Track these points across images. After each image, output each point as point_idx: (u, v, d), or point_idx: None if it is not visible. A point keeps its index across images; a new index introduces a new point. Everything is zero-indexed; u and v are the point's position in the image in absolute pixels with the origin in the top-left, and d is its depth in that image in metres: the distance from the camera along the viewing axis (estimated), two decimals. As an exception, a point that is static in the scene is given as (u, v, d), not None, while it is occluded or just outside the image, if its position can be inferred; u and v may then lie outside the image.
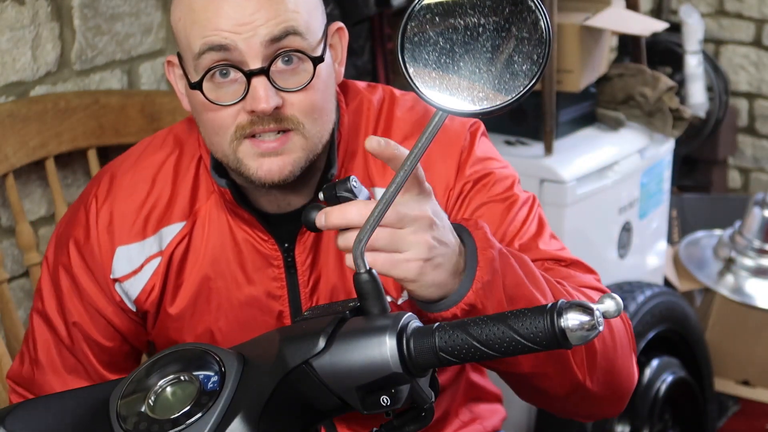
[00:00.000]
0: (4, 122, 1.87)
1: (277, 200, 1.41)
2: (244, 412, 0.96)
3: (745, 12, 4.08)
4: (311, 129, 1.32)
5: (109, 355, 1.51)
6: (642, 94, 2.80)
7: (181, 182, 1.45)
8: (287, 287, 1.43)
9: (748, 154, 4.19)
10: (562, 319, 0.93)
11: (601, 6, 2.70)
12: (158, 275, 1.45)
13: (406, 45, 0.97)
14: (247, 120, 1.30)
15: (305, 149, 1.32)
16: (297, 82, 1.31)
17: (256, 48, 1.28)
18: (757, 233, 3.28)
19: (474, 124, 1.46)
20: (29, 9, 1.96)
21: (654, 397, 2.63)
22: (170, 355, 1.02)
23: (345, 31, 1.42)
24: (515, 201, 1.43)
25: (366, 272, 1.03)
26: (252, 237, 1.42)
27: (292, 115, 1.31)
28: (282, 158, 1.31)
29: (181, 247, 1.44)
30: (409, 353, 0.97)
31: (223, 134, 1.32)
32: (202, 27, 1.29)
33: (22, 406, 1.06)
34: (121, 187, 1.47)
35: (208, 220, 1.44)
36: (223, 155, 1.35)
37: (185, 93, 1.39)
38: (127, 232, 1.45)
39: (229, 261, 1.43)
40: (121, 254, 1.45)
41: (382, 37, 2.63)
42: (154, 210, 1.45)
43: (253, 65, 1.28)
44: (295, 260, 1.42)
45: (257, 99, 1.28)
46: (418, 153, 1.01)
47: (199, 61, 1.30)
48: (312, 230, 1.13)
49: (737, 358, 3.23)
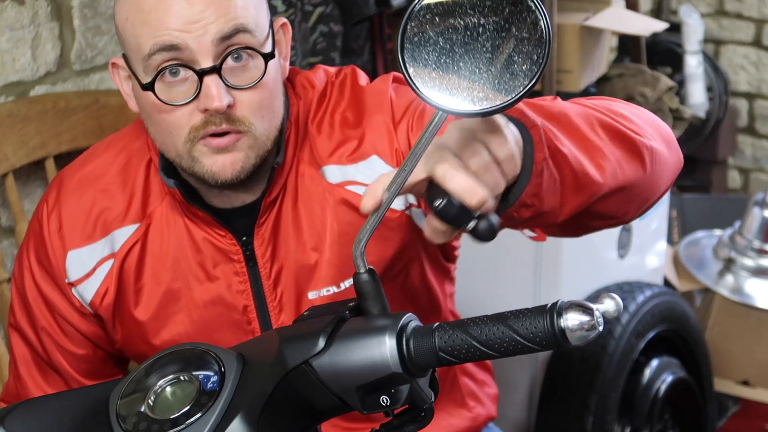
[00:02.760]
0: (3, 122, 1.87)
1: (229, 198, 1.41)
2: (243, 412, 0.96)
3: (745, 12, 4.09)
4: (260, 128, 1.33)
5: (84, 363, 1.51)
6: (642, 94, 2.80)
7: (131, 185, 1.45)
8: (249, 281, 1.43)
9: (748, 154, 4.19)
10: (562, 319, 0.93)
11: (601, 6, 2.70)
12: (111, 277, 1.44)
13: (405, 45, 0.97)
14: (201, 121, 1.31)
15: (254, 148, 1.33)
16: (248, 79, 1.31)
17: (206, 46, 1.28)
18: (757, 233, 3.28)
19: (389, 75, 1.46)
20: (29, 9, 1.96)
21: (654, 397, 2.63)
22: (170, 355, 1.02)
23: (289, 27, 1.42)
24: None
25: (366, 272, 1.03)
26: (209, 234, 1.42)
27: (243, 116, 1.31)
28: (233, 155, 1.32)
29: (135, 250, 1.44)
30: (408, 353, 0.97)
31: (177, 134, 1.32)
32: (153, 27, 1.29)
33: (22, 406, 1.06)
34: (69, 191, 1.47)
35: (164, 223, 1.44)
36: (176, 155, 1.35)
37: (132, 94, 1.38)
38: (77, 235, 1.45)
39: (190, 261, 1.43)
40: (73, 258, 1.45)
41: (382, 37, 2.63)
42: (103, 213, 1.45)
43: (204, 64, 1.29)
44: (255, 253, 1.42)
45: (210, 97, 1.28)
46: (418, 153, 1.00)
47: (150, 61, 1.30)
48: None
49: (737, 358, 3.23)
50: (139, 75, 1.32)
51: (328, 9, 2.55)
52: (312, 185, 1.42)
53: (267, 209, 1.41)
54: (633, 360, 2.57)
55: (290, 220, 1.42)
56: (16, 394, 1.53)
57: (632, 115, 1.27)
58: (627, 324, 2.55)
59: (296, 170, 1.43)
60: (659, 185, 1.31)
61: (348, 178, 1.42)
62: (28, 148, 1.92)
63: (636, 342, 2.57)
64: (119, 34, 1.35)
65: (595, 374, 2.48)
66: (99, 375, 1.52)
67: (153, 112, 1.33)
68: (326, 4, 2.53)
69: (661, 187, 1.32)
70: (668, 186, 1.35)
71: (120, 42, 1.36)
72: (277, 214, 1.42)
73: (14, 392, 1.54)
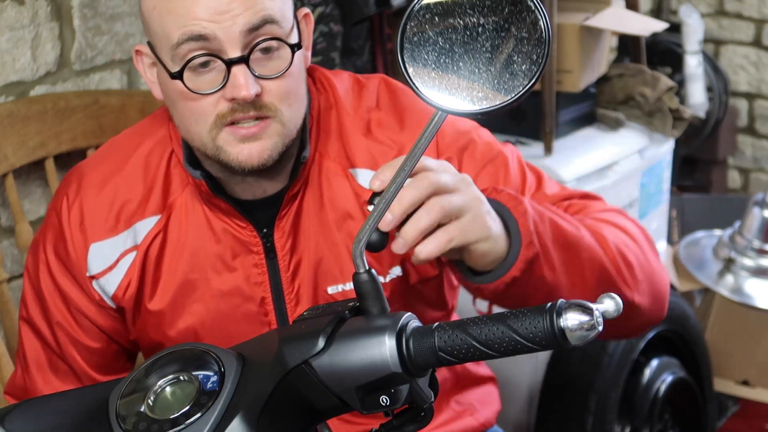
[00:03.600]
0: (3, 122, 1.87)
1: (252, 188, 1.42)
2: (243, 412, 0.96)
3: (745, 12, 4.09)
4: (287, 115, 1.35)
5: (98, 357, 1.51)
6: (642, 94, 2.80)
7: (152, 177, 1.46)
8: (268, 273, 1.44)
9: (748, 154, 4.19)
10: (562, 319, 0.93)
11: (601, 6, 2.70)
12: (134, 270, 1.45)
13: (405, 45, 0.97)
14: (228, 108, 1.32)
15: (282, 135, 1.35)
16: (275, 68, 1.33)
17: (235, 37, 1.29)
18: (757, 233, 3.28)
19: None
20: (29, 9, 1.96)
21: (654, 397, 2.63)
22: (169, 355, 1.02)
23: (311, 17, 1.44)
24: (505, 159, 1.47)
25: (365, 272, 1.03)
26: (230, 225, 1.43)
27: (270, 102, 1.33)
28: (261, 143, 1.34)
29: (157, 241, 1.44)
30: (408, 353, 0.97)
31: (203, 122, 1.33)
32: (180, 16, 1.29)
33: (21, 406, 1.06)
34: (90, 184, 1.47)
35: (184, 213, 1.44)
36: (201, 144, 1.36)
37: (156, 81, 1.39)
38: (99, 228, 1.45)
39: (208, 252, 1.44)
40: (95, 251, 1.45)
41: (382, 37, 2.63)
42: (126, 205, 1.45)
43: (232, 54, 1.30)
44: (275, 245, 1.43)
45: (238, 87, 1.29)
46: (417, 153, 1.01)
47: (178, 50, 1.31)
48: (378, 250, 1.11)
49: (737, 358, 3.23)
50: (166, 63, 1.33)
51: (328, 9, 2.55)
52: (341, 184, 1.44)
53: (289, 202, 1.42)
54: (633, 360, 2.57)
55: (314, 214, 1.44)
56: (23, 388, 1.52)
57: (638, 264, 1.39)
58: (627, 324, 2.55)
59: (319, 164, 1.44)
60: (622, 333, 1.49)
61: None
62: (28, 148, 1.91)
63: (636, 342, 2.57)
64: (145, 22, 1.36)
65: (595, 374, 2.47)
66: (111, 369, 1.52)
67: (179, 100, 1.34)
68: (326, 4, 2.53)
69: (625, 334, 1.50)
70: (634, 334, 1.51)
71: (145, 30, 1.37)
72: (298, 207, 1.43)
73: (21, 386, 1.53)
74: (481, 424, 1.62)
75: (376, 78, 1.52)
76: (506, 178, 1.45)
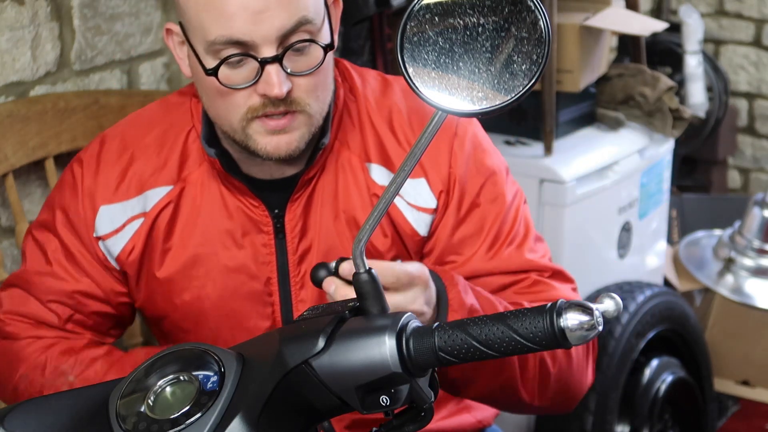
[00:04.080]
0: (3, 122, 1.87)
1: (270, 170, 1.46)
2: (243, 412, 0.96)
3: (744, 12, 4.08)
4: (315, 107, 1.38)
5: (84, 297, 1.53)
6: (642, 94, 2.80)
7: (169, 149, 1.49)
8: (276, 253, 1.47)
9: (748, 154, 4.19)
10: (562, 319, 0.93)
11: (601, 6, 2.70)
12: (140, 236, 1.48)
13: (405, 45, 0.97)
14: (260, 102, 1.35)
15: (309, 125, 1.39)
16: (306, 65, 1.35)
17: (270, 39, 1.32)
18: (757, 233, 3.28)
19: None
20: (29, 9, 1.96)
21: (654, 397, 2.63)
22: (169, 355, 1.02)
23: (340, 2, 1.46)
24: (503, 203, 1.49)
25: (365, 272, 1.03)
26: (243, 203, 1.46)
27: (299, 97, 1.36)
28: (289, 135, 1.37)
29: (167, 211, 1.48)
30: (408, 353, 0.97)
31: (234, 113, 1.37)
32: (219, 15, 1.31)
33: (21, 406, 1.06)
34: (109, 150, 1.51)
35: (200, 187, 1.48)
36: (230, 129, 1.39)
37: (186, 59, 1.42)
38: (111, 192, 1.49)
39: (220, 227, 1.47)
40: (104, 213, 1.49)
41: (381, 37, 2.63)
42: (139, 173, 1.49)
43: (266, 53, 1.32)
44: (285, 226, 1.46)
45: (271, 85, 1.33)
46: (417, 153, 1.01)
47: (213, 48, 1.33)
48: (318, 286, 1.24)
49: (737, 358, 3.23)
50: (199, 53, 1.36)
51: (328, 9, 2.54)
52: (356, 176, 1.47)
53: (303, 185, 1.45)
54: (633, 360, 2.57)
55: (326, 201, 1.46)
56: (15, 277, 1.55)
57: (556, 376, 1.44)
58: (627, 324, 2.55)
59: (338, 153, 1.47)
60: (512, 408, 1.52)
61: None
62: (28, 148, 1.91)
63: (636, 342, 2.57)
64: (179, 5, 1.37)
65: (595, 374, 2.47)
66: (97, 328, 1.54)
67: (212, 92, 1.37)
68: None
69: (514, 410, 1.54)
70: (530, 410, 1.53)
71: (178, 11, 1.39)
72: (311, 192, 1.46)
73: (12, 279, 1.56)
74: (478, 421, 1.63)
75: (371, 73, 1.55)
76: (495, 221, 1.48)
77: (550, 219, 2.52)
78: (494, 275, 1.47)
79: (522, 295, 1.46)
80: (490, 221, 1.47)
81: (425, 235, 1.48)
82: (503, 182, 1.50)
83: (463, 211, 1.47)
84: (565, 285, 1.50)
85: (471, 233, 1.47)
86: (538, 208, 2.52)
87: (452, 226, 1.47)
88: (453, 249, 1.47)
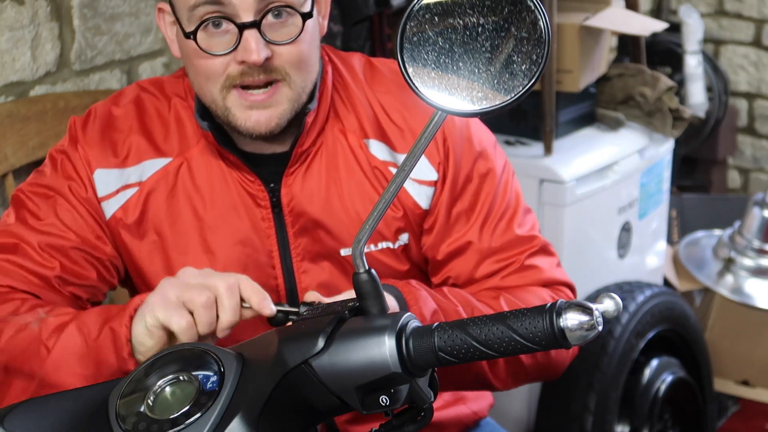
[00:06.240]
0: (3, 122, 1.87)
1: (261, 147, 1.48)
2: (243, 412, 0.96)
3: (744, 12, 4.09)
4: (297, 80, 1.40)
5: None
6: (642, 94, 2.80)
7: (168, 123, 1.51)
8: (275, 227, 1.49)
9: (748, 154, 4.19)
10: (562, 318, 0.93)
11: (601, 6, 2.70)
12: (131, 204, 1.48)
13: (405, 45, 0.97)
14: (238, 71, 1.37)
15: (291, 100, 1.40)
16: (286, 35, 1.38)
17: (248, 2, 1.34)
18: (757, 233, 3.28)
19: None
20: (29, 9, 1.96)
21: (654, 397, 2.63)
22: (169, 355, 1.02)
23: None
24: (494, 178, 1.52)
25: (365, 272, 1.03)
26: (240, 178, 1.48)
27: (280, 66, 1.38)
28: (269, 111, 1.40)
29: (164, 182, 1.48)
30: (408, 353, 0.97)
31: (214, 81, 1.39)
32: None
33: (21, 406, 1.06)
34: (114, 117, 1.52)
35: (201, 162, 1.49)
36: (212, 101, 1.42)
37: (175, 39, 1.45)
38: (109, 156, 1.49)
39: (222, 201, 1.49)
40: (100, 176, 1.49)
41: (381, 37, 2.63)
42: (139, 143, 1.50)
43: (245, 18, 1.35)
44: (281, 200, 1.47)
45: (249, 51, 1.35)
46: (417, 153, 1.01)
47: (194, 12, 1.36)
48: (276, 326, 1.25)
49: (737, 358, 3.23)
50: (183, 23, 1.39)
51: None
52: (355, 152, 1.49)
53: (298, 159, 1.47)
54: (633, 360, 2.57)
55: (325, 177, 1.48)
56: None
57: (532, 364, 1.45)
58: (627, 324, 2.55)
59: (333, 130, 1.49)
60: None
61: (395, 161, 1.49)
62: (28, 148, 1.92)
63: (636, 342, 2.57)
64: None
65: (595, 374, 2.48)
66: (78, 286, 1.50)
67: (193, 58, 1.40)
68: (326, 4, 2.53)
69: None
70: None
71: None
72: (308, 168, 1.48)
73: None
74: (473, 412, 1.64)
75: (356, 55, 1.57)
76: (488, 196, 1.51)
77: (550, 219, 2.52)
78: (484, 262, 1.50)
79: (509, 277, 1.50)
80: (483, 197, 1.51)
81: (426, 209, 1.50)
82: (493, 156, 1.53)
83: (459, 185, 1.50)
84: (550, 259, 1.53)
85: (465, 209, 1.51)
86: (538, 208, 2.52)
87: (449, 201, 1.50)
88: (450, 227, 1.51)
